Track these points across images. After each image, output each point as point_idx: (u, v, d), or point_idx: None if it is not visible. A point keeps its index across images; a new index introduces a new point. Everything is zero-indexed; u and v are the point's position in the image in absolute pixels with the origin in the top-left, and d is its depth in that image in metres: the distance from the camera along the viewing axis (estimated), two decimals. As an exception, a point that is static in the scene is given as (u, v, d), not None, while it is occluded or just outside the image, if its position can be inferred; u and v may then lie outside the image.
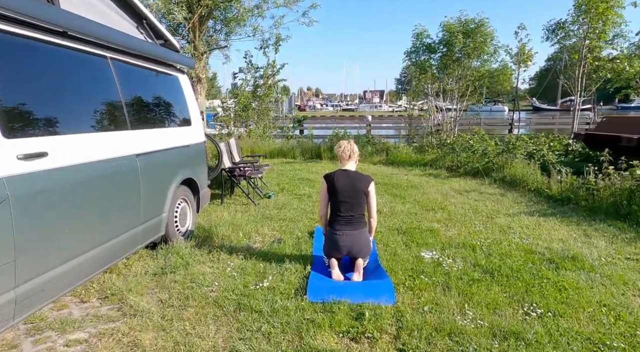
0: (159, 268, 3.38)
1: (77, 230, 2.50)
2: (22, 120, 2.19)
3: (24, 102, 2.22)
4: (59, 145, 2.36)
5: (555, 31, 9.39)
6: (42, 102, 2.36)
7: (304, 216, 5.10)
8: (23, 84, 2.23)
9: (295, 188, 6.84)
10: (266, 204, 5.77)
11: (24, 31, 2.25)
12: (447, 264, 3.43)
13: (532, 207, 5.58)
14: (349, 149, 3.33)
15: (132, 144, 3.09)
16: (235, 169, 5.71)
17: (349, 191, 3.21)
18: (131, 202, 3.06)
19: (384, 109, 64.30)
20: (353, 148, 3.36)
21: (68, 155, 2.42)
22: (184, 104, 4.25)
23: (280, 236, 4.26)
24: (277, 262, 3.45)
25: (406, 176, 8.28)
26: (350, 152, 3.33)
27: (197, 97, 6.67)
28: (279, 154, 11.10)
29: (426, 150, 10.63)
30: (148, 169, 3.27)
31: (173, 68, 4.15)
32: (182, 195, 4.04)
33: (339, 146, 3.39)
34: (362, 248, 3.25)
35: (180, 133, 4.05)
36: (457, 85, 11.85)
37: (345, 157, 3.33)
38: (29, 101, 2.25)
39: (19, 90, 2.20)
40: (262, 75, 12.26)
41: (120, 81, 3.07)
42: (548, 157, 6.98)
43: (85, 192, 2.56)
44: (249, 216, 5.07)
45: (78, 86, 2.67)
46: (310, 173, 8.48)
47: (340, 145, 3.37)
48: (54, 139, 2.34)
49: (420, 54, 12.33)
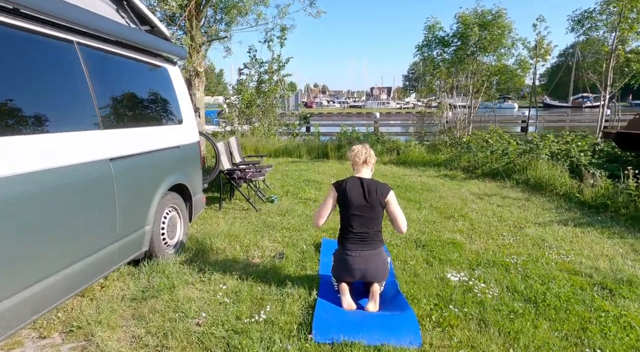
0: (139, 291, 2.88)
1: (30, 254, 2.00)
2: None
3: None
4: (1, 150, 1.86)
5: (582, 22, 8.73)
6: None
7: (310, 224, 4.59)
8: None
9: (300, 191, 6.32)
10: (268, 209, 5.26)
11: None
12: (478, 289, 2.89)
13: (563, 215, 5.00)
14: (363, 153, 2.81)
15: (104, 146, 2.59)
16: (234, 171, 5.20)
17: (364, 203, 2.68)
18: (103, 216, 2.56)
19: (391, 105, 63.46)
20: (369, 152, 2.84)
21: (16, 162, 1.93)
22: (174, 99, 3.74)
23: (282, 249, 3.75)
24: (277, 285, 2.94)
25: (419, 177, 7.72)
26: (366, 156, 2.81)
27: (195, 92, 6.18)
28: (284, 153, 10.59)
29: (439, 149, 10.04)
30: (125, 176, 2.77)
31: (161, 58, 3.64)
32: (171, 203, 3.54)
33: (352, 151, 2.87)
34: (379, 271, 2.72)
35: (169, 132, 3.55)
36: (471, 81, 11.23)
37: (359, 163, 2.81)
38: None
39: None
40: (267, 70, 11.75)
41: (90, 71, 2.57)
42: (579, 158, 6.37)
43: (39, 208, 2.06)
44: (249, 224, 4.56)
45: (33, 76, 2.17)
46: (316, 174, 7.95)
47: (354, 150, 2.86)
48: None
49: (432, 48, 11.73)
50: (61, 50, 2.41)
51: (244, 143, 10.44)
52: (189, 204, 3.91)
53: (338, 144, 10.33)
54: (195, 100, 6.22)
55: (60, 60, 2.39)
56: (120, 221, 2.72)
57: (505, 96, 22.31)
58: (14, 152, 1.94)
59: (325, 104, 68.23)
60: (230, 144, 5.91)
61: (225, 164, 5.36)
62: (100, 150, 2.55)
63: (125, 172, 2.78)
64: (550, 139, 7.16)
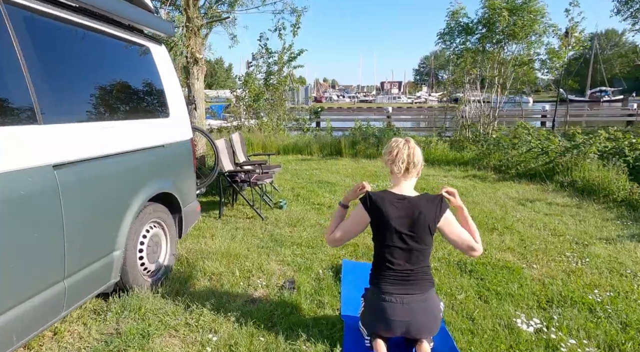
0: (101, 341, 2.15)
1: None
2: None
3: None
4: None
5: (629, 3, 7.75)
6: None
7: (323, 238, 3.82)
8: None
9: (312, 194, 5.55)
10: (276, 217, 4.51)
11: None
12: (566, 348, 2.08)
13: (631, 228, 4.14)
14: (406, 156, 1.94)
15: (44, 147, 1.84)
16: (237, 174, 4.45)
17: (408, 228, 1.89)
18: (41, 245, 1.82)
19: (402, 100, 62.23)
20: (413, 154, 1.95)
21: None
22: (158, 87, 2.98)
23: (292, 276, 2.98)
24: (286, 335, 2.18)
25: (445, 178, 6.89)
26: (409, 161, 1.94)
27: (194, 82, 5.43)
28: (294, 150, 9.81)
29: (462, 146, 9.19)
30: (79, 188, 2.02)
31: (141, 35, 2.88)
32: (153, 218, 2.80)
33: (388, 150, 2.00)
34: (429, 325, 1.93)
35: (150, 128, 2.80)
36: (497, 72, 10.29)
37: (401, 170, 1.95)
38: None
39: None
40: (277, 61, 10.94)
41: (24, 44, 1.82)
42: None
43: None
44: (252, 238, 3.81)
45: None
46: (329, 174, 7.17)
47: (393, 150, 1.97)
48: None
49: (454, 36, 10.82)
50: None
51: (251, 139, 9.70)
52: (178, 216, 3.16)
53: (352, 140, 9.53)
54: (193, 91, 5.46)
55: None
56: (72, 250, 1.97)
57: (519, 89, 21.26)
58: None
59: (335, 99, 67.16)
60: (233, 141, 5.16)
61: (227, 164, 4.61)
62: (38, 154, 1.80)
63: (79, 183, 2.03)
64: (603, 136, 6.25)
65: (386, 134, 9.55)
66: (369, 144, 9.33)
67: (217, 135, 10.10)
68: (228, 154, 4.82)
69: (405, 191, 1.97)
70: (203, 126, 5.65)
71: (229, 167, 4.64)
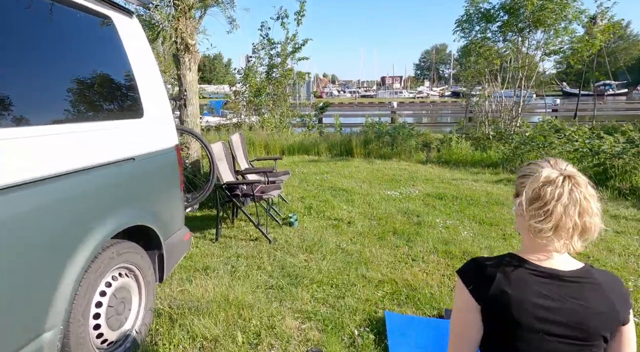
0: None
1: None
2: None
3: None
4: None
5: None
6: None
7: (352, 269, 2.96)
8: None
9: (326, 206, 4.68)
10: (286, 238, 3.65)
11: None
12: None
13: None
14: (577, 211, 0.95)
15: None
16: (238, 187, 3.57)
17: (565, 332, 1.00)
18: None
19: (404, 95, 61.25)
20: (591, 210, 0.95)
21: None
22: (126, 75, 2.11)
23: (317, 344, 2.11)
24: None
25: (476, 182, 6.01)
26: (585, 221, 0.95)
27: (185, 73, 4.54)
28: (300, 150, 8.92)
29: (487, 145, 8.31)
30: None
31: (100, 1, 1.99)
32: (119, 263, 1.93)
33: (536, 196, 0.97)
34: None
35: (111, 134, 1.92)
36: (520, 63, 9.39)
37: (561, 237, 0.97)
38: None
39: None
40: (280, 53, 10.03)
41: None
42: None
43: None
44: (259, 273, 2.94)
45: None
46: (342, 178, 6.29)
47: (542, 194, 0.96)
48: None
49: (473, 24, 9.91)
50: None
51: (252, 138, 8.82)
52: (158, 254, 2.30)
53: (364, 139, 8.64)
54: (185, 83, 4.57)
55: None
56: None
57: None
58: None
59: (336, 94, 66.08)
60: (233, 144, 4.27)
61: (225, 174, 3.73)
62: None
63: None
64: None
65: (401, 132, 8.66)
66: (383, 143, 8.46)
67: (214, 135, 9.20)
68: (227, 161, 3.94)
69: (558, 261, 1.03)
70: (197, 125, 4.77)
71: (228, 177, 3.76)
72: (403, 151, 8.23)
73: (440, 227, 4.00)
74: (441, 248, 3.43)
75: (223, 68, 58.00)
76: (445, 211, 4.53)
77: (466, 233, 3.81)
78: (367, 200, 5.02)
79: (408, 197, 5.14)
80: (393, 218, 4.29)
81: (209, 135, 9.20)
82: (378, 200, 5.02)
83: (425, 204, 4.86)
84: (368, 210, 4.61)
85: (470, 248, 3.42)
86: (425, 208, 4.67)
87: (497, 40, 9.65)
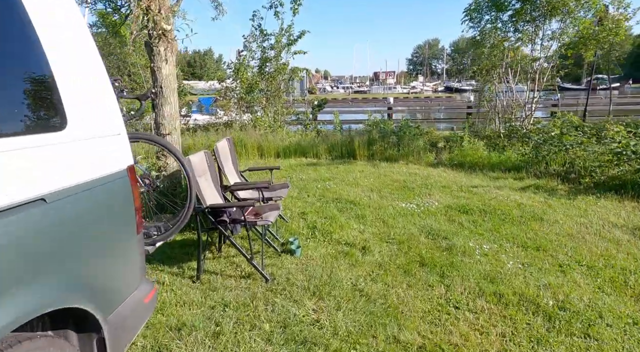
0: None
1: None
2: None
3: None
4: None
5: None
6: None
7: (379, 326, 2.19)
8: None
9: (332, 225, 3.90)
10: (287, 275, 2.86)
11: None
12: None
13: None
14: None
15: None
16: (224, 212, 2.76)
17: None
18: None
19: (398, 90, 60.56)
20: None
21: None
22: (37, 65, 1.30)
23: None
24: None
25: (499, 190, 5.25)
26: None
27: (160, 65, 3.72)
28: (297, 152, 8.10)
29: (497, 143, 7.60)
30: None
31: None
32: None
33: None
34: None
35: (3, 161, 1.11)
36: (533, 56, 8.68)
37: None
38: None
39: None
40: (273, 46, 9.18)
41: None
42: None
43: None
44: (253, 338, 2.15)
45: None
46: (347, 186, 5.50)
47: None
48: None
49: (483, 14, 9.19)
50: None
51: (244, 139, 7.99)
52: (97, 338, 1.50)
53: (368, 139, 7.84)
54: (160, 78, 3.75)
55: None
56: None
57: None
58: None
59: (329, 90, 65.09)
60: (219, 153, 3.45)
61: (209, 194, 2.91)
62: None
63: None
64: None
65: (407, 131, 7.89)
66: (388, 144, 7.68)
67: (202, 137, 8.34)
68: (211, 175, 3.12)
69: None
70: (176, 129, 3.94)
71: (213, 198, 2.94)
72: (410, 153, 7.47)
73: (477, 254, 3.23)
74: (488, 288, 2.67)
75: (214, 64, 56.72)
76: (477, 230, 3.77)
77: (512, 264, 3.05)
78: (379, 215, 4.25)
79: (427, 211, 4.37)
80: (416, 241, 3.52)
81: (195, 137, 8.34)
82: (393, 215, 4.25)
83: (449, 220, 4.10)
84: (383, 229, 3.83)
85: (525, 288, 2.66)
86: (451, 226, 3.90)
87: (508, 31, 8.97)
